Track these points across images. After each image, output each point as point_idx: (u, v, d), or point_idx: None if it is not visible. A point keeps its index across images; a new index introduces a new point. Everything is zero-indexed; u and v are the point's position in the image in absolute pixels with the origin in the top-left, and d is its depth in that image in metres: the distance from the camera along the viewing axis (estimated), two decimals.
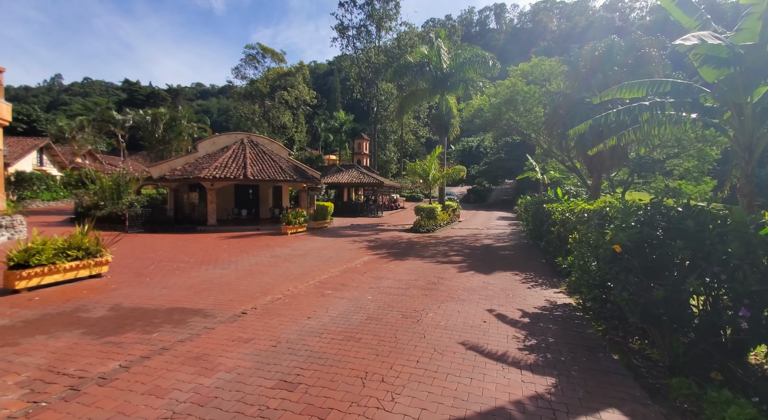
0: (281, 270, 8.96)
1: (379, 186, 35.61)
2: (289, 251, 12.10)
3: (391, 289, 7.10)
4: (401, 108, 27.25)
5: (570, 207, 8.40)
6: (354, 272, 8.77)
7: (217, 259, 10.31)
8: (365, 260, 10.56)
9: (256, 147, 22.63)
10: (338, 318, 5.36)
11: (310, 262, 10.08)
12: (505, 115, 17.63)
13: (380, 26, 59.95)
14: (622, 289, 4.01)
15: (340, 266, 9.55)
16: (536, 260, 10.79)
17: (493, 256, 11.56)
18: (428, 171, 23.24)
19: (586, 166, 16.19)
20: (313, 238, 15.91)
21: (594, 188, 15.98)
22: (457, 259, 11.01)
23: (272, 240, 15.07)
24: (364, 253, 11.87)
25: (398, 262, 10.22)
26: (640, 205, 4.15)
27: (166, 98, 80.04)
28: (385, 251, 12.45)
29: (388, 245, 13.96)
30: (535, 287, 7.46)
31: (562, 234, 8.80)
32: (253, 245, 13.40)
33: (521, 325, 5.16)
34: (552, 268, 9.40)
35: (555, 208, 9.65)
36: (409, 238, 16.86)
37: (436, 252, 12.35)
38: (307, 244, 13.83)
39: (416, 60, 26.98)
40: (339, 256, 11.35)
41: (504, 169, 50.18)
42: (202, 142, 22.25)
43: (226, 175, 19.06)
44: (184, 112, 29.89)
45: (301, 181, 21.36)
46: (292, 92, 67.83)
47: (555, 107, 16.55)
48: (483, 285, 7.56)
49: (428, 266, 9.68)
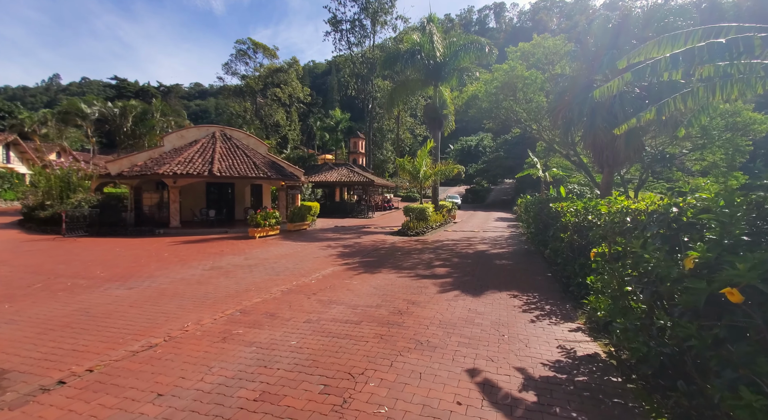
0: (205, 290, 6.80)
1: (370, 185, 33.48)
2: (239, 261, 9.93)
3: (334, 326, 4.94)
4: (391, 100, 25.11)
5: (590, 206, 6.24)
6: (300, 293, 6.61)
7: (136, 274, 8.14)
8: (326, 273, 8.40)
9: (229, 141, 20.47)
10: (208, 398, 3.17)
11: (253, 277, 7.92)
12: (503, 103, 15.46)
13: (375, 20, 57.84)
14: (733, 380, 1.86)
15: (289, 283, 7.39)
16: (540, 274, 8.62)
17: (486, 268, 9.40)
18: (419, 167, 21.04)
19: (596, 161, 14.02)
20: (282, 243, 13.76)
21: (605, 185, 13.81)
22: (442, 271, 8.85)
23: (231, 246, 12.91)
24: (331, 263, 9.71)
25: (366, 277, 8.06)
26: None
27: (156, 95, 78.07)
28: (358, 260, 10.29)
29: (364, 252, 11.80)
30: (542, 319, 5.29)
31: (576, 243, 6.64)
32: (202, 253, 11.24)
33: (524, 410, 3.00)
34: (561, 285, 7.24)
35: (566, 208, 7.48)
36: (393, 242, 14.70)
37: (419, 261, 10.18)
38: (268, 251, 11.67)
39: (407, 47, 24.84)
40: (297, 267, 9.19)
41: (503, 167, 47.99)
42: (168, 136, 20.10)
43: (189, 171, 16.90)
44: (157, 105, 27.61)
45: (277, 178, 19.20)
46: (285, 89, 65.81)
47: (560, 93, 14.42)
48: (468, 316, 5.40)
49: (402, 283, 7.52)
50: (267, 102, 64.98)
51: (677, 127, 11.97)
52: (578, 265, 6.38)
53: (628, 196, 17.40)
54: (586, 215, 6.39)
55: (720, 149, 13.12)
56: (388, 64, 25.46)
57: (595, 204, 6.31)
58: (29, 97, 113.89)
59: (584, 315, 5.27)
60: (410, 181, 22.26)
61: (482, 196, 50.94)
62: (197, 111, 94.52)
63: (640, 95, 12.90)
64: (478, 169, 54.14)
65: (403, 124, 65.39)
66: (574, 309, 5.71)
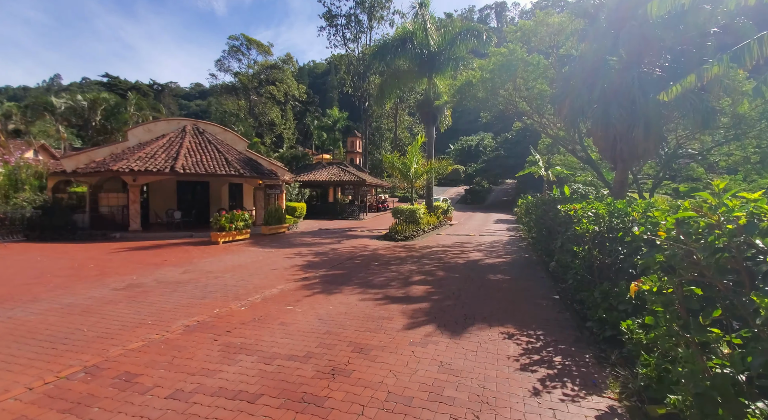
0: (79, 325, 4.91)
1: (361, 184, 31.63)
2: (172, 275, 8.06)
3: (206, 410, 3.05)
4: (381, 93, 23.25)
5: (617, 209, 4.33)
6: (209, 331, 4.73)
7: (14, 297, 6.28)
8: (270, 295, 6.53)
9: (200, 135, 18.63)
10: None
11: (167, 302, 6.05)
12: (500, 90, 13.55)
13: (372, 16, 55.96)
14: None
15: (208, 312, 5.52)
16: (544, 295, 6.72)
17: (476, 285, 7.50)
18: (409, 165, 19.15)
19: (607, 156, 12.10)
20: (245, 250, 11.90)
21: (618, 184, 11.90)
22: (420, 291, 6.96)
23: (182, 254, 11.05)
24: (286, 279, 7.84)
25: (318, 300, 6.18)
26: None
27: (148, 93, 76.45)
28: (323, 273, 8.41)
29: (336, 261, 9.92)
30: (551, 387, 3.40)
31: (596, 261, 4.74)
32: (139, 263, 9.37)
33: None
34: (573, 315, 5.35)
35: (581, 211, 5.55)
36: (375, 248, 12.84)
37: (396, 275, 8.29)
38: (221, 261, 9.80)
39: (399, 35, 22.98)
40: (240, 284, 7.31)
41: (504, 167, 45.97)
42: (133, 129, 18.28)
43: (148, 167, 15.04)
44: (133, 99, 25.72)
45: (252, 176, 17.35)
46: (280, 87, 64.06)
47: (566, 77, 12.55)
48: (436, 381, 3.50)
49: (361, 310, 5.63)
50: (261, 100, 63.23)
51: (706, 114, 10.06)
52: (600, 293, 4.49)
53: (642, 197, 15.45)
54: (610, 222, 4.50)
55: (753, 141, 11.21)
56: (379, 55, 23.61)
57: (625, 207, 4.42)
58: (30, 97, 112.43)
59: (618, 383, 3.36)
60: (400, 179, 20.38)
61: (482, 196, 48.96)
62: (197, 111, 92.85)
63: (661, 77, 11.00)
64: (478, 169, 52.16)
65: (401, 122, 63.59)
66: (599, 364, 3.80)
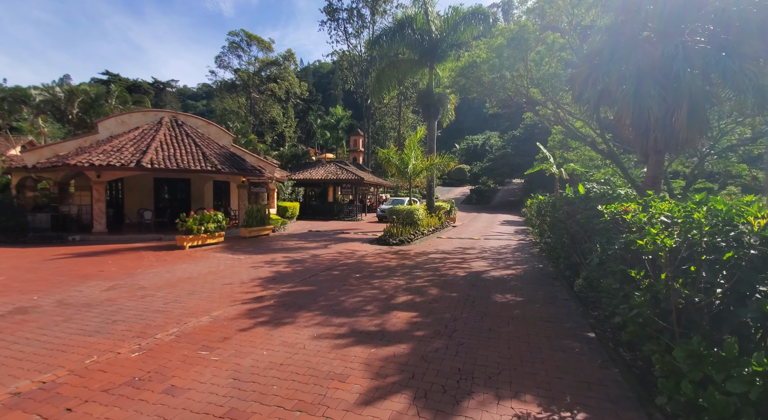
0: None
1: (359, 183, 29.85)
2: (91, 294, 6.33)
3: None
4: (378, 84, 21.36)
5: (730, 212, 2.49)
6: (32, 409, 2.98)
7: None
8: (193, 328, 4.77)
9: (178, 128, 16.98)
10: None
11: (34, 341, 4.31)
12: (509, 71, 11.67)
13: (374, 9, 54.16)
14: None
15: (72, 363, 3.76)
16: (575, 334, 4.85)
17: (478, 312, 5.66)
18: (407, 160, 17.32)
19: (638, 146, 10.14)
20: (209, 257, 10.18)
21: (650, 180, 9.96)
22: (400, 321, 5.15)
23: (131, 261, 9.34)
24: (233, 300, 6.08)
25: (253, 339, 4.41)
26: None
27: (149, 91, 75.39)
28: (283, 292, 6.64)
29: (308, 274, 8.14)
30: None
31: (681, 299, 2.87)
32: (67, 275, 7.68)
33: None
34: (628, 375, 3.52)
35: (644, 216, 3.64)
36: (364, 255, 11.04)
37: (376, 294, 6.49)
38: (168, 273, 8.07)
39: (398, 20, 21.16)
40: (167, 308, 5.56)
41: (511, 165, 43.89)
42: (105, 121, 16.73)
43: (111, 161, 13.40)
44: (115, 90, 24.21)
45: (231, 172, 15.64)
46: (282, 84, 62.58)
47: (588, 54, 10.66)
48: None
49: (305, 361, 3.85)
50: (263, 98, 61.81)
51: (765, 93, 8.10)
52: (685, 354, 2.64)
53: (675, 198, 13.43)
54: (707, 234, 2.64)
55: None
56: (377, 44, 21.80)
57: (729, 208, 2.56)
58: (6, 90, 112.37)
59: None
60: (397, 177, 18.56)
61: (488, 196, 46.91)
62: (204, 111, 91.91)
63: (705, 50, 9.05)
64: (484, 168, 50.10)
65: (405, 120, 61.67)
66: None
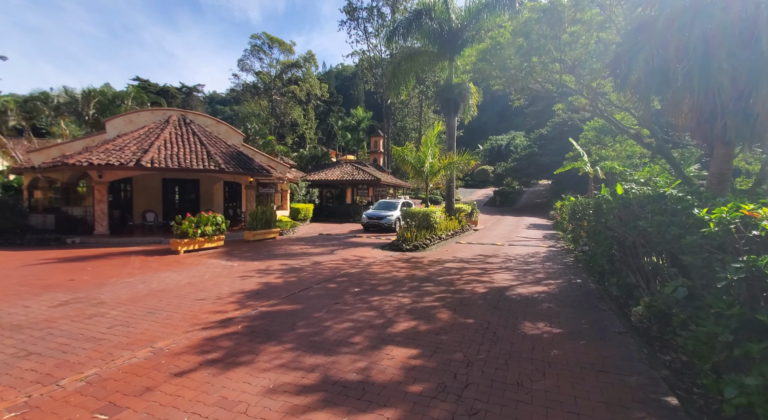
0: None
1: (376, 184, 28.72)
2: (38, 310, 5.44)
3: None
4: (394, 78, 20.13)
5: None
6: None
7: None
8: (116, 369, 3.69)
9: (186, 126, 16.39)
10: None
11: None
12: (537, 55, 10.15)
13: (395, 8, 53.11)
14: None
15: None
16: (645, 397, 3.41)
17: (500, 351, 4.30)
18: (423, 159, 15.96)
19: (700, 136, 8.40)
20: (199, 264, 9.25)
21: (716, 177, 8.19)
22: (393, 363, 3.88)
23: (113, 268, 8.53)
24: (194, 323, 5.00)
25: (180, 396, 3.27)
26: None
27: (176, 95, 77.48)
28: (260, 312, 5.51)
29: (300, 287, 7.00)
30: None
31: None
32: (33, 284, 6.89)
33: None
34: None
35: None
36: (371, 262, 9.81)
37: (370, 319, 5.24)
38: (143, 283, 7.14)
39: (414, 10, 19.91)
40: (106, 336, 4.54)
41: (537, 165, 41.47)
42: (113, 120, 16.33)
43: (110, 160, 12.84)
44: (131, 91, 24.24)
45: (237, 172, 14.84)
46: (303, 86, 62.65)
47: (635, 28, 9.01)
48: None
49: None
50: (284, 100, 62.09)
51: None
52: None
53: None
54: None
55: None
56: (392, 37, 20.56)
57: None
58: None
59: None
60: (413, 176, 17.22)
61: (512, 198, 44.64)
62: (231, 115, 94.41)
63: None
64: (508, 169, 47.79)
65: (426, 121, 60.12)
66: None
